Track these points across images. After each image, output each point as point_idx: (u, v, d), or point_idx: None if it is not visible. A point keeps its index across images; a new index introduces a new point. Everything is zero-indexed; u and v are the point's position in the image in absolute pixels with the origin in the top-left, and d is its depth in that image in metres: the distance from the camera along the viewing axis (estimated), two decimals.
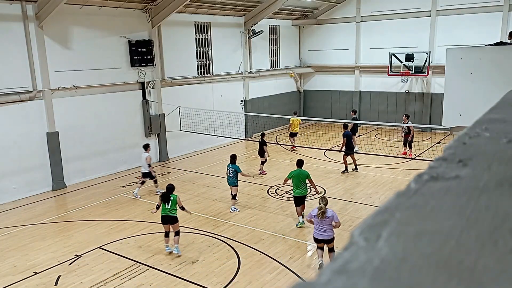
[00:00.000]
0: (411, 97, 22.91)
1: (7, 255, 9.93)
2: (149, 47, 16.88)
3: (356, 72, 24.28)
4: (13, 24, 13.31)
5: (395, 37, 22.45)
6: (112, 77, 16.08)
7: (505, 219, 0.59)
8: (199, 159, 18.38)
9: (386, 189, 13.87)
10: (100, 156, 15.95)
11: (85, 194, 14.20)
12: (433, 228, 0.57)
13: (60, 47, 14.51)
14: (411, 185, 0.73)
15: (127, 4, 15.95)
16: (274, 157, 17.82)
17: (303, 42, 25.97)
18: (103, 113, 15.97)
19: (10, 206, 13.18)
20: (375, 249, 0.53)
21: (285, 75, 25.02)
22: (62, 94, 14.68)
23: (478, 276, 0.46)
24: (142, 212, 12.39)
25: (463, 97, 5.43)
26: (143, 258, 9.56)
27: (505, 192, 0.68)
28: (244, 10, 20.99)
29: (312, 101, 26.13)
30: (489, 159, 0.85)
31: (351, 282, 0.47)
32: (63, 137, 14.69)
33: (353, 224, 11.04)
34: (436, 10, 21.34)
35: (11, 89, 13.36)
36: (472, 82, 5.25)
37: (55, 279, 8.80)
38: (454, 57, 5.52)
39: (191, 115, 18.14)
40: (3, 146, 13.36)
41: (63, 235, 10.99)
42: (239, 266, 9.12)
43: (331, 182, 14.76)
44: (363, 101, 24.43)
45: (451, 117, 5.62)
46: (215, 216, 11.96)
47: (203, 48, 19.81)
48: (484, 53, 5.40)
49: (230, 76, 21.12)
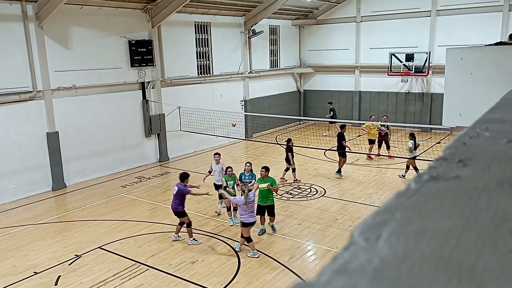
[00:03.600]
0: (411, 97, 22.92)
1: (7, 255, 9.93)
2: (149, 47, 16.88)
3: (356, 72, 24.28)
4: (13, 24, 13.31)
5: (395, 37, 22.45)
6: (112, 77, 16.08)
7: (505, 219, 0.59)
8: (199, 159, 18.38)
9: (386, 189, 13.87)
10: (100, 156, 15.95)
11: (85, 194, 14.20)
12: (433, 228, 0.57)
13: (60, 47, 14.51)
14: (411, 185, 0.73)
15: (127, 4, 15.95)
16: (274, 157, 17.83)
17: (303, 42, 25.97)
18: (103, 113, 15.97)
19: (10, 206, 13.18)
20: (375, 249, 0.53)
21: (285, 75, 25.03)
22: (62, 94, 14.68)
23: (478, 276, 0.46)
24: (142, 212, 12.39)
25: (463, 97, 5.43)
26: (143, 258, 9.56)
27: (505, 192, 0.68)
28: (244, 10, 20.99)
29: (312, 101, 26.13)
30: (489, 159, 0.85)
31: (351, 282, 0.47)
32: (63, 137, 14.69)
33: (353, 224, 11.04)
34: (436, 10, 21.34)
35: (11, 89, 13.36)
36: (472, 82, 5.24)
37: (55, 279, 8.80)
38: (454, 57, 5.51)
39: (191, 115, 18.14)
40: (3, 146, 13.36)
41: (63, 235, 10.99)
42: (239, 266, 9.13)
43: (331, 182, 14.76)
44: (363, 101, 24.42)
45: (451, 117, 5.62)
46: (215, 216, 11.96)
47: (203, 48, 19.81)
48: (484, 53, 5.40)
49: (230, 76, 21.12)
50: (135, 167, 16.94)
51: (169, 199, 12.87)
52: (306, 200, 13.08)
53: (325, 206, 12.45)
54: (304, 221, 11.34)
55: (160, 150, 18.12)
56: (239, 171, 12.04)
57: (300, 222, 11.33)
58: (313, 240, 10.36)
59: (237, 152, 19.52)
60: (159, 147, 18.12)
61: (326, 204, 12.61)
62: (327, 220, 11.46)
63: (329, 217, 11.66)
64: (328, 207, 12.42)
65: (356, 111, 24.49)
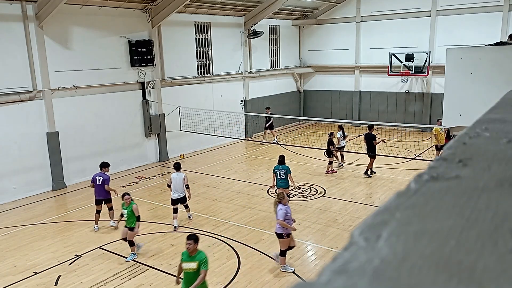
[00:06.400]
0: (411, 97, 22.92)
1: (7, 255, 9.93)
2: (149, 47, 16.88)
3: (356, 72, 24.28)
4: (13, 24, 13.31)
5: (395, 37, 22.45)
6: (112, 77, 16.08)
7: (505, 219, 0.59)
8: (199, 159, 18.38)
9: (386, 189, 13.88)
10: (100, 156, 15.90)
11: (85, 194, 14.18)
12: (433, 228, 0.57)
13: (60, 47, 14.51)
14: (411, 185, 0.73)
15: (127, 4, 15.95)
16: (274, 157, 17.82)
17: (303, 42, 25.97)
18: (103, 113, 15.97)
19: (10, 206, 13.18)
20: (375, 249, 0.53)
21: (285, 75, 25.04)
22: (62, 94, 14.68)
23: (478, 276, 0.46)
24: (142, 212, 12.36)
25: (463, 97, 5.43)
26: (143, 258, 9.56)
27: (505, 192, 0.68)
28: (244, 10, 20.99)
29: (312, 101, 26.14)
30: (489, 159, 0.85)
31: (351, 282, 0.47)
32: (63, 137, 14.69)
33: (353, 224, 11.04)
34: (436, 10, 21.34)
35: (11, 89, 13.36)
36: (472, 82, 5.25)
37: (55, 279, 8.80)
38: (454, 57, 5.52)
39: (191, 115, 18.14)
40: (3, 146, 13.36)
41: (63, 235, 10.99)
42: (239, 266, 9.12)
43: (331, 182, 14.76)
44: (363, 101, 24.43)
45: (451, 117, 5.62)
46: (215, 216, 11.96)
47: (203, 48, 19.81)
48: (484, 53, 5.40)
49: (230, 76, 21.12)
50: (135, 167, 16.93)
51: (169, 199, 12.90)
52: (306, 200, 13.08)
53: (325, 206, 12.45)
54: (304, 221, 11.34)
55: (160, 150, 18.12)
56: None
57: (300, 222, 11.33)
58: (313, 240, 10.36)
59: (237, 152, 19.52)
60: (159, 147, 18.12)
61: (326, 204, 12.61)
62: (327, 220, 11.46)
63: (329, 217, 11.66)
64: (328, 207, 12.42)
65: (356, 111, 24.48)
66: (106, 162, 11.80)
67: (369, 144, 15.05)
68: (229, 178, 15.44)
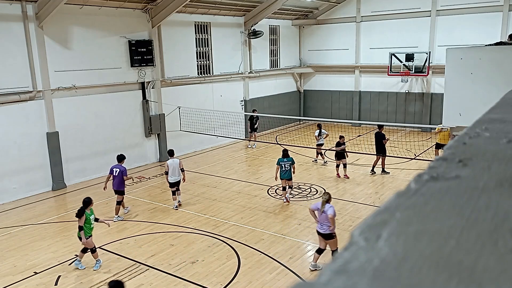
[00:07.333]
0: (411, 97, 22.92)
1: (7, 255, 9.93)
2: (149, 47, 16.88)
3: (356, 72, 24.28)
4: (13, 24, 13.31)
5: (395, 37, 22.46)
6: (112, 77, 16.08)
7: (505, 219, 0.59)
8: (199, 159, 18.39)
9: (386, 189, 13.88)
10: (100, 156, 15.95)
11: (85, 194, 14.15)
12: (433, 228, 0.57)
13: (60, 47, 14.51)
14: (411, 185, 0.73)
15: (127, 4, 15.95)
16: (274, 157, 17.81)
17: (303, 42, 25.97)
18: (103, 113, 15.97)
19: (10, 206, 13.18)
20: (375, 249, 0.53)
21: (285, 75, 25.04)
22: (62, 94, 14.68)
23: (478, 276, 0.46)
24: (142, 212, 12.40)
25: (463, 97, 5.43)
26: (143, 258, 9.56)
27: (505, 192, 0.68)
28: (244, 10, 20.99)
29: (312, 101, 26.14)
30: (489, 159, 0.85)
31: (351, 282, 0.47)
32: (63, 137, 14.69)
33: (353, 224, 11.04)
34: (436, 10, 21.34)
35: (11, 89, 13.36)
36: (472, 82, 5.25)
37: (55, 279, 8.80)
38: (454, 57, 5.52)
39: (191, 115, 18.14)
40: (3, 146, 13.36)
41: (63, 235, 10.99)
42: (239, 266, 9.12)
43: (331, 182, 14.76)
44: (363, 101, 24.43)
45: (451, 117, 5.62)
46: (215, 216, 11.96)
47: (203, 48, 19.81)
48: (484, 53, 5.40)
49: (230, 76, 21.12)
50: (135, 167, 16.92)
51: (169, 199, 12.91)
52: (306, 200, 13.08)
53: None
54: (304, 221, 11.34)
55: (160, 150, 18.12)
56: None
57: (300, 222, 11.33)
58: (313, 240, 10.35)
59: (237, 152, 19.52)
60: (159, 147, 18.12)
61: None
62: None
63: None
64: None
65: (356, 111, 24.49)
66: (123, 154, 12.47)
67: (378, 143, 15.11)
68: (229, 178, 15.45)
